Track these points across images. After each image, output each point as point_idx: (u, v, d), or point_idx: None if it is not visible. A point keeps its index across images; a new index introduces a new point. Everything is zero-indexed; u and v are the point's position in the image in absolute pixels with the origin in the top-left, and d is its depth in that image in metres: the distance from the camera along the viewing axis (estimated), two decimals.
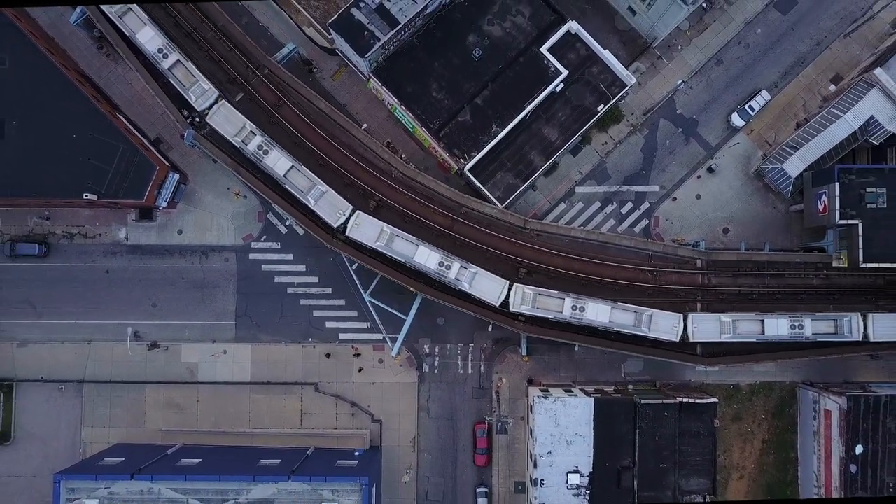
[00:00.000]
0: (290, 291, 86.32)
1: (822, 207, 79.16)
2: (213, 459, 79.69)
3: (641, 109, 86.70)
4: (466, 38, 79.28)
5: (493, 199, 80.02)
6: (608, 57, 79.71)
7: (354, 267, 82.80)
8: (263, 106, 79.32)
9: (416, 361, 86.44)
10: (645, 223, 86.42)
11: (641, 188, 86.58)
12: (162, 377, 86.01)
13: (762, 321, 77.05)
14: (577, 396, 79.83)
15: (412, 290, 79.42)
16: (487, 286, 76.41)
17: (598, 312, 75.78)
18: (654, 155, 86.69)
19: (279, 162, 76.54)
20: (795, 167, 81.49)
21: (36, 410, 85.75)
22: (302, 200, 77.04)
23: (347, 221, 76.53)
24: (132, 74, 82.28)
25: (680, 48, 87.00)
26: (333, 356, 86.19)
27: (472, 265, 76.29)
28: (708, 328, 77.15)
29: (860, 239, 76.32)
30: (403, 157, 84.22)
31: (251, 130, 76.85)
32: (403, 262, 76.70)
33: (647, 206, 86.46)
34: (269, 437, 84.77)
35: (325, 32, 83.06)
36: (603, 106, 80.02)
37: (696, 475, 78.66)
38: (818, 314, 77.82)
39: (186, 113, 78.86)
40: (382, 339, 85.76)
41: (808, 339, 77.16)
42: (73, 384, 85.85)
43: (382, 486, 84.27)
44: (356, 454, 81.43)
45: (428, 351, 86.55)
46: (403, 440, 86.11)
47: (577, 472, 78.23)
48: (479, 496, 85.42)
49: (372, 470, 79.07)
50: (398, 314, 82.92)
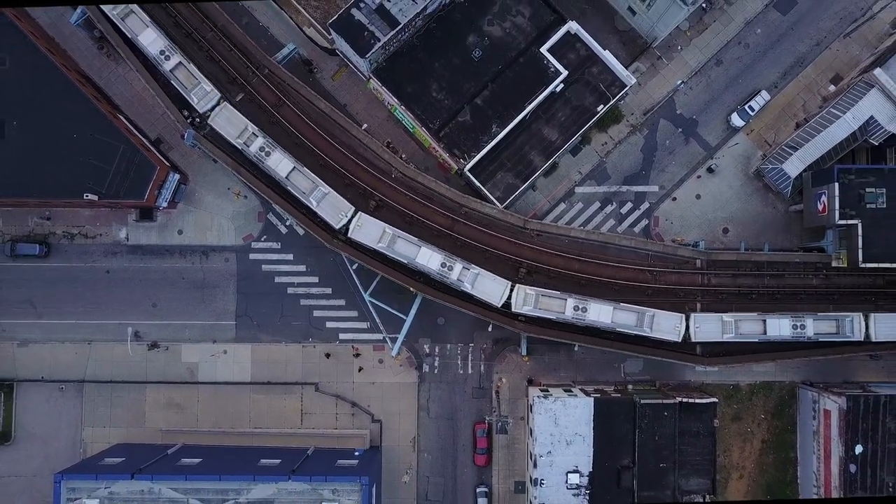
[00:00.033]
0: (290, 291, 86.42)
1: (821, 207, 79.23)
2: (213, 459, 79.74)
3: (641, 110, 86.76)
4: (466, 38, 79.34)
5: (493, 199, 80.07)
6: (608, 57, 79.76)
7: (354, 267, 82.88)
8: (263, 106, 79.37)
9: (416, 361, 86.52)
10: (645, 223, 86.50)
11: (641, 188, 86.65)
12: (162, 377, 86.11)
13: (764, 321, 77.06)
14: (576, 396, 79.90)
15: (412, 290, 79.50)
16: (489, 287, 76.43)
17: (600, 313, 75.80)
18: (653, 155, 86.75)
19: (281, 164, 76.57)
20: (795, 167, 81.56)
21: (36, 410, 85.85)
22: (304, 202, 77.07)
23: (349, 223, 76.62)
24: (132, 74, 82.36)
25: (680, 48, 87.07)
26: (333, 356, 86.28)
27: (474, 266, 76.34)
28: (710, 328, 77.18)
29: (859, 239, 76.41)
30: (403, 157, 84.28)
31: (253, 132, 76.87)
32: (406, 263, 76.77)
33: (646, 206, 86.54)
34: (269, 436, 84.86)
35: (325, 33, 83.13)
36: (603, 106, 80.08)
37: (695, 475, 78.75)
38: (820, 314, 77.75)
39: (187, 113, 78.89)
40: (382, 339, 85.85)
41: (809, 339, 77.21)
42: (73, 384, 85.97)
43: (382, 485, 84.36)
44: (356, 454, 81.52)
45: (428, 351, 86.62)
46: (403, 440, 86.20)
47: (576, 471, 78.32)
48: (479, 496, 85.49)
49: (372, 470, 79.15)
50: (398, 314, 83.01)
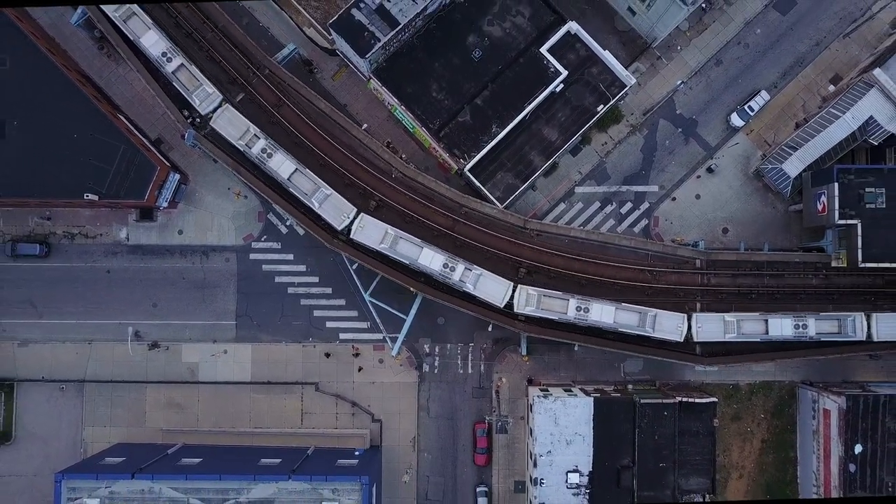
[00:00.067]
0: (290, 291, 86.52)
1: (821, 207, 79.32)
2: (213, 459, 79.83)
3: (641, 110, 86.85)
4: (466, 38, 79.42)
5: (493, 199, 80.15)
6: (608, 57, 79.84)
7: (355, 267, 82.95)
8: (264, 106, 79.43)
9: (416, 361, 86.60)
10: (644, 223, 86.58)
11: (641, 188, 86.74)
12: (163, 377, 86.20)
13: (766, 321, 77.09)
14: (576, 396, 79.99)
15: (412, 289, 79.58)
16: (492, 287, 76.46)
17: (602, 313, 75.80)
18: (653, 155, 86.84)
19: (283, 165, 76.57)
20: (794, 167, 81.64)
21: (37, 410, 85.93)
22: (305, 203, 77.08)
23: (352, 224, 76.65)
24: (133, 74, 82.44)
25: (679, 48, 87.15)
26: (334, 356, 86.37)
27: (476, 267, 76.36)
28: (712, 328, 77.21)
29: (859, 239, 76.51)
30: (403, 157, 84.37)
31: (255, 134, 76.91)
32: (407, 263, 76.82)
33: (646, 206, 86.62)
34: (269, 436, 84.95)
35: (325, 33, 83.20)
36: (602, 106, 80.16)
37: (695, 474, 78.83)
38: (822, 314, 77.76)
39: (187, 113, 78.98)
40: (382, 338, 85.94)
41: (811, 338, 77.27)
42: (73, 384, 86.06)
43: (382, 485, 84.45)
44: (356, 454, 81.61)
45: (428, 350, 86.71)
46: (403, 440, 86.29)
47: (576, 471, 78.40)
48: (479, 495, 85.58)
49: (372, 469, 79.24)
50: (398, 314, 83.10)
